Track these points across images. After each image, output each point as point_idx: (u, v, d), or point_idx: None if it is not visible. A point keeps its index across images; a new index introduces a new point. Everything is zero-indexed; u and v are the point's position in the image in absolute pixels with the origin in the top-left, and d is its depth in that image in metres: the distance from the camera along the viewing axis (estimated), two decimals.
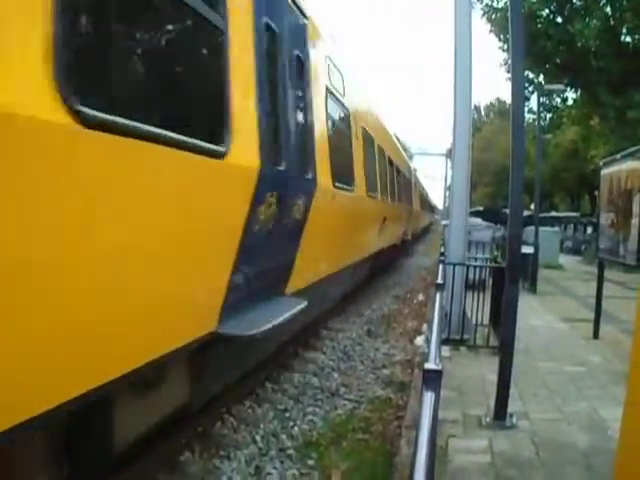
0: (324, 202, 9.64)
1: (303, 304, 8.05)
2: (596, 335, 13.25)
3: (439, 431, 5.98)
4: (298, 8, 8.53)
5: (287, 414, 9.03)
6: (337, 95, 11.36)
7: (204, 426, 7.97)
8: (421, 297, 20.27)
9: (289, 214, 7.96)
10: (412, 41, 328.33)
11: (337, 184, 10.55)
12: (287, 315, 7.33)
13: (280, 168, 7.33)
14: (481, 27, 33.73)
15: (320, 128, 9.64)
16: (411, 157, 69.11)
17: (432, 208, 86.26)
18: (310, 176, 8.81)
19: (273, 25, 7.24)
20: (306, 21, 8.98)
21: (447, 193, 69.09)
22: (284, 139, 7.62)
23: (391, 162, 21.79)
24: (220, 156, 5.61)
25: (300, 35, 8.80)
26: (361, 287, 18.91)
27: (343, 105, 12.12)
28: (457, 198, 13.46)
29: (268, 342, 9.18)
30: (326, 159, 9.96)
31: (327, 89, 10.39)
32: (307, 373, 11.02)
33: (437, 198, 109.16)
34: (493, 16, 32.55)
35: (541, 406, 8.69)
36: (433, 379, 3.90)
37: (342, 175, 11.25)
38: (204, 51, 5.94)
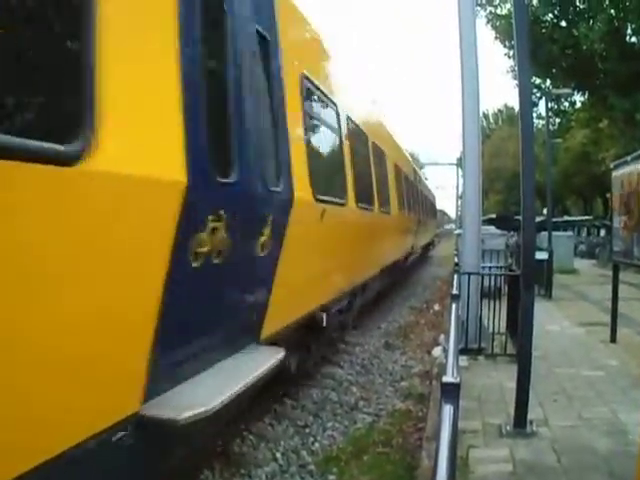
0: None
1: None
2: (613, 339, 13.18)
3: (459, 441, 5.97)
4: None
5: (307, 430, 9.01)
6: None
7: (224, 444, 7.96)
8: (437, 307, 20.24)
9: None
10: (419, 51, 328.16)
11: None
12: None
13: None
14: (486, 34, 33.80)
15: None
16: (422, 167, 68.75)
17: (434, 212, 57.20)
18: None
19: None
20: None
21: (459, 202, 68.81)
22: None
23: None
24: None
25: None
26: (377, 299, 18.96)
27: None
28: (469, 207, 13.46)
29: None
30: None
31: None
32: (326, 388, 11.00)
33: (450, 207, 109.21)
34: (497, 23, 32.60)
35: (561, 412, 8.64)
36: (451, 392, 3.90)
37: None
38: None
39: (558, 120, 40.34)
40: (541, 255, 19.13)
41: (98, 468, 4.07)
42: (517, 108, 8.91)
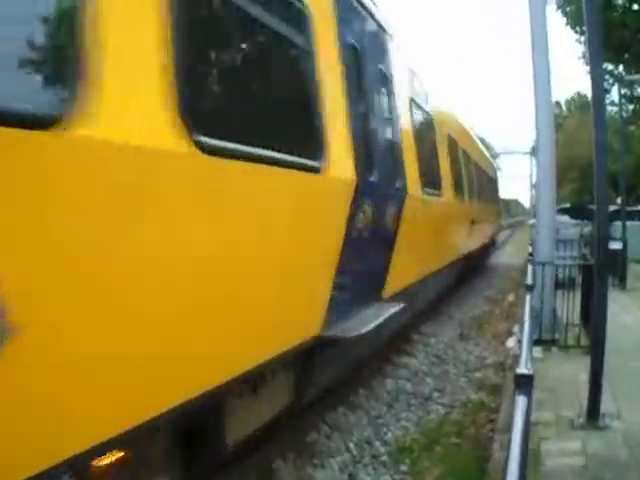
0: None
1: None
2: None
3: (531, 433, 5.95)
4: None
5: (380, 420, 9.08)
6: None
7: (297, 434, 8.08)
8: (511, 298, 20.08)
9: None
10: (490, 40, 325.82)
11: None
12: None
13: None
14: (557, 20, 33.16)
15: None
16: (496, 156, 68.37)
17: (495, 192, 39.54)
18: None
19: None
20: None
21: (533, 192, 68.13)
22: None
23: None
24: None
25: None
26: (452, 289, 18.98)
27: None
28: (543, 196, 13.35)
29: None
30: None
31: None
32: (400, 378, 11.06)
33: (524, 198, 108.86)
34: (568, 9, 32.03)
35: (634, 406, 8.49)
36: (525, 384, 3.92)
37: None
38: None
39: (631, 107, 39.46)
40: (615, 245, 18.85)
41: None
42: (590, 95, 8.78)
